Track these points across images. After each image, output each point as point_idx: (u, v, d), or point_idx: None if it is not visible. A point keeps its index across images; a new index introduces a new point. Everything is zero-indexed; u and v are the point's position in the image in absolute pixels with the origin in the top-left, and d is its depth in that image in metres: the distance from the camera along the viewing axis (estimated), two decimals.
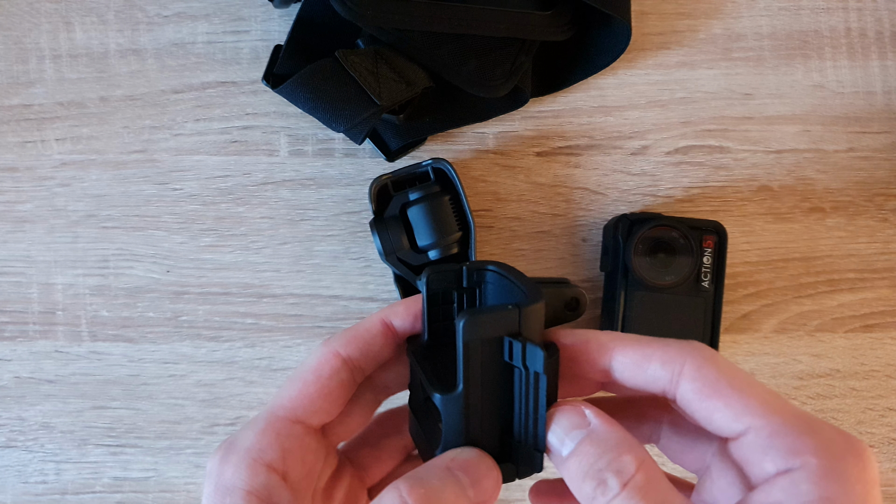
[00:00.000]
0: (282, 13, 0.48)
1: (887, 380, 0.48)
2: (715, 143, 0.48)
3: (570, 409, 0.24)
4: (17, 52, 0.48)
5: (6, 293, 0.48)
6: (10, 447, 0.48)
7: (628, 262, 0.43)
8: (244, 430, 0.26)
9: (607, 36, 0.46)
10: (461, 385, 0.24)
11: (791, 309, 0.48)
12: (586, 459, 0.23)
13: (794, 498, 0.21)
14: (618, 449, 0.23)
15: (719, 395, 0.23)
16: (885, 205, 0.48)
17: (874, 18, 0.48)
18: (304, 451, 0.26)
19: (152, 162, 0.48)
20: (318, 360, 0.27)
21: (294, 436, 0.26)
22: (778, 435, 0.22)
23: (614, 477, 0.22)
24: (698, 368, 0.24)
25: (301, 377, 0.27)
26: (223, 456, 0.25)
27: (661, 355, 0.24)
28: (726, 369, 0.24)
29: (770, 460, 0.22)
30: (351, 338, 0.27)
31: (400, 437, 0.31)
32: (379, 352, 0.28)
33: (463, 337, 0.23)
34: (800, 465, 0.22)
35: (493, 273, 0.28)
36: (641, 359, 0.24)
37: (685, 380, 0.24)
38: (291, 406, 0.26)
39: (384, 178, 0.45)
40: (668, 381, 0.24)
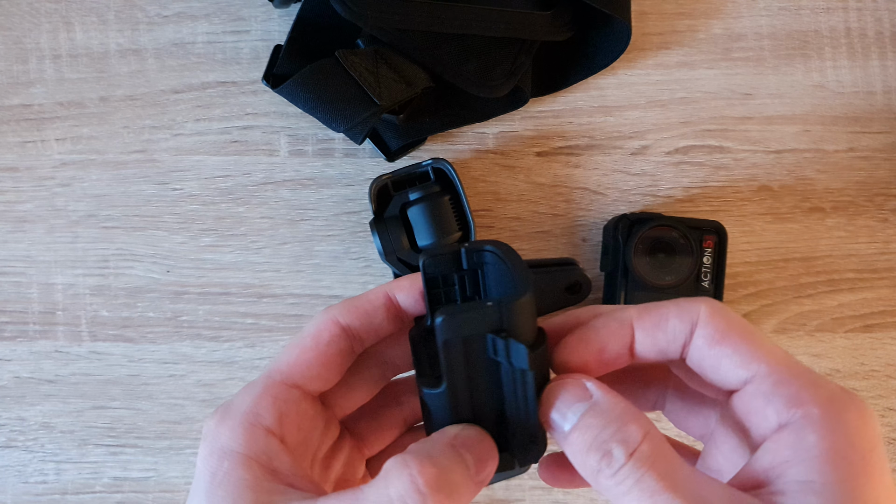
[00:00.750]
0: (282, 13, 0.48)
1: (887, 380, 0.48)
2: (715, 143, 0.48)
3: (571, 383, 0.24)
4: (17, 52, 0.48)
5: (6, 293, 0.48)
6: (10, 447, 0.48)
7: (628, 262, 0.43)
8: (240, 394, 0.25)
9: (607, 36, 0.46)
10: (445, 383, 0.24)
11: (791, 309, 0.48)
12: (590, 432, 0.22)
13: (801, 451, 0.21)
14: (622, 419, 0.22)
15: (729, 342, 0.23)
16: (885, 205, 0.48)
17: (874, 18, 0.48)
18: (300, 417, 0.26)
19: (152, 162, 0.48)
20: (317, 326, 0.26)
21: (291, 400, 0.25)
22: (783, 384, 0.22)
23: (620, 447, 0.22)
24: (711, 316, 0.24)
25: (299, 343, 0.26)
26: (220, 419, 0.25)
27: (677, 310, 0.24)
28: (737, 319, 0.24)
29: (773, 409, 0.22)
30: (352, 307, 0.27)
31: (400, 408, 0.30)
32: (380, 325, 0.27)
33: (442, 336, 0.23)
34: (801, 416, 0.21)
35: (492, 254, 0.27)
36: (660, 318, 0.25)
37: (699, 327, 0.24)
38: (289, 371, 0.26)
39: (384, 178, 0.45)
40: (687, 333, 0.24)
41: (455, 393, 0.24)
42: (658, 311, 0.25)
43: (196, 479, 0.24)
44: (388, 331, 0.28)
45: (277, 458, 0.24)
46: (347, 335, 0.27)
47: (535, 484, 0.47)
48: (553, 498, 0.47)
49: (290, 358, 0.26)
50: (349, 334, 0.27)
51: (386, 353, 0.29)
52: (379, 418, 0.30)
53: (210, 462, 0.24)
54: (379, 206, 0.45)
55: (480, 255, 0.28)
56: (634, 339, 0.25)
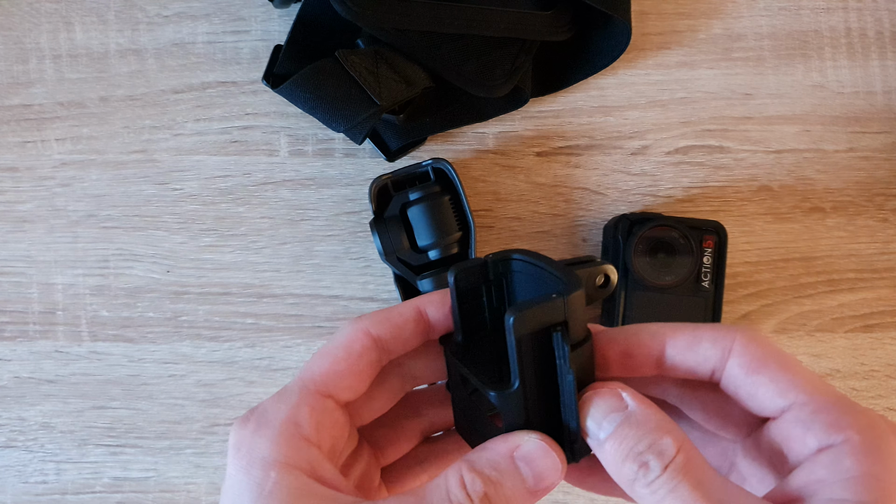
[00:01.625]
0: (282, 13, 0.48)
1: (887, 380, 0.48)
2: (715, 143, 0.48)
3: (608, 391, 0.24)
4: (17, 52, 0.48)
5: (6, 293, 0.48)
6: (10, 447, 0.48)
7: (628, 262, 0.43)
8: (275, 403, 0.25)
9: (607, 36, 0.46)
10: (517, 381, 0.24)
11: (791, 309, 0.48)
12: (626, 442, 0.23)
13: (837, 473, 0.21)
14: (658, 431, 0.22)
15: (766, 370, 0.24)
16: (885, 205, 0.48)
17: (874, 18, 0.48)
18: (333, 426, 0.26)
19: (152, 162, 0.48)
20: (348, 336, 0.26)
21: (326, 410, 0.25)
22: (822, 411, 0.22)
23: (655, 459, 0.22)
24: (746, 345, 0.24)
25: (332, 352, 0.26)
26: (255, 428, 0.24)
27: (712, 335, 0.25)
28: (773, 348, 0.24)
29: (813, 435, 0.22)
30: (384, 319, 0.27)
31: (418, 419, 0.30)
32: (409, 338, 0.27)
33: (514, 333, 0.23)
34: (842, 441, 0.22)
35: (520, 262, 0.27)
36: (693, 340, 0.25)
37: (734, 355, 0.24)
38: (322, 380, 0.26)
39: (384, 178, 0.45)
40: (719, 359, 0.24)
41: (526, 391, 0.24)
42: (693, 333, 0.25)
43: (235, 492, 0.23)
44: (415, 344, 0.28)
45: (321, 465, 0.24)
46: (377, 347, 0.27)
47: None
48: (553, 498, 0.47)
49: (324, 367, 0.26)
50: (379, 346, 0.27)
51: (406, 365, 0.29)
52: (397, 428, 0.30)
53: (253, 473, 0.23)
54: (379, 206, 0.45)
55: (507, 264, 0.28)
56: (665, 353, 0.25)
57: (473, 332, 0.28)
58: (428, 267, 0.45)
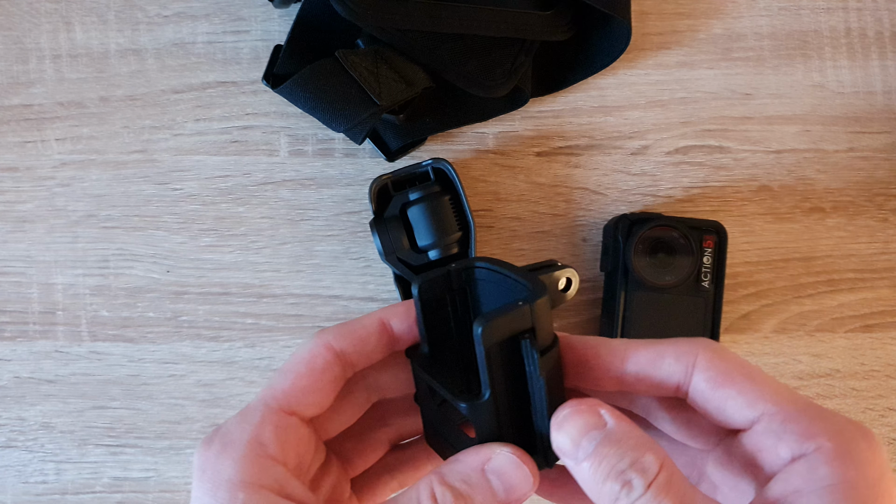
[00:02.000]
0: (282, 13, 0.48)
1: (887, 380, 0.48)
2: (715, 143, 0.48)
3: (586, 409, 0.23)
4: (17, 52, 0.48)
5: (6, 293, 0.48)
6: (10, 447, 0.48)
7: (628, 262, 0.43)
8: (238, 423, 0.25)
9: (607, 36, 0.46)
10: (487, 391, 0.24)
11: (791, 309, 0.48)
12: (607, 461, 0.22)
13: (813, 482, 0.21)
14: (639, 449, 0.22)
15: (732, 384, 0.23)
16: (885, 205, 0.48)
17: (874, 18, 0.48)
18: (298, 443, 0.26)
19: (152, 162, 0.48)
20: (310, 352, 0.26)
21: (290, 427, 0.25)
22: (792, 420, 0.22)
23: (638, 477, 0.22)
24: (710, 359, 0.24)
25: (293, 369, 0.26)
26: (220, 450, 0.24)
27: (674, 350, 0.25)
28: (737, 360, 0.24)
29: (785, 445, 0.22)
30: (346, 332, 0.27)
31: (385, 429, 0.30)
32: (372, 350, 0.27)
33: (483, 343, 0.23)
34: (815, 449, 0.22)
35: (483, 269, 0.27)
36: (655, 356, 0.25)
37: (699, 370, 0.24)
38: (284, 398, 0.26)
39: (384, 178, 0.45)
40: (683, 374, 0.24)
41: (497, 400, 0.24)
42: (655, 349, 0.25)
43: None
44: (379, 356, 0.28)
45: (288, 483, 0.24)
46: (340, 361, 0.27)
47: None
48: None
49: (286, 384, 0.26)
50: (342, 360, 0.27)
51: (372, 378, 0.29)
52: (364, 439, 0.30)
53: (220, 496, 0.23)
54: (379, 206, 0.45)
55: (470, 272, 0.28)
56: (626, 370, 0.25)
57: (439, 343, 0.28)
58: (428, 267, 0.45)
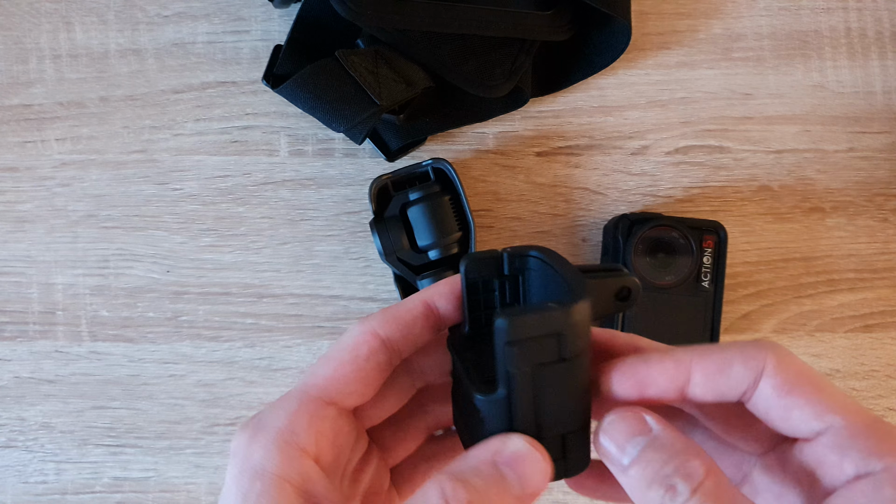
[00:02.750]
0: (282, 13, 0.48)
1: (887, 380, 0.48)
2: (715, 143, 0.48)
3: (631, 415, 0.23)
4: (17, 52, 0.48)
5: (6, 293, 0.48)
6: (10, 447, 0.48)
7: (628, 262, 0.43)
8: (274, 409, 0.24)
9: (607, 36, 0.46)
10: (502, 388, 0.23)
11: (791, 309, 0.48)
12: (652, 466, 0.22)
13: (878, 502, 0.20)
14: (685, 454, 0.22)
15: (800, 392, 0.23)
16: (885, 205, 0.48)
17: (874, 18, 0.48)
18: (336, 435, 0.25)
19: (152, 162, 0.48)
20: (355, 339, 0.25)
21: (328, 418, 0.24)
22: (859, 436, 0.22)
23: (684, 482, 0.21)
24: (778, 365, 0.23)
25: (337, 356, 0.25)
26: (252, 434, 0.23)
27: (742, 356, 0.23)
28: (805, 368, 0.23)
29: (850, 461, 0.21)
30: (391, 318, 0.26)
31: (423, 417, 0.29)
32: (419, 335, 0.26)
33: (504, 338, 0.22)
34: (882, 469, 0.21)
35: (537, 259, 0.26)
36: (723, 364, 0.24)
37: (766, 376, 0.23)
38: (325, 386, 0.25)
39: (384, 178, 0.45)
40: (752, 381, 0.23)
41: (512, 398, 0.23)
42: (721, 356, 0.24)
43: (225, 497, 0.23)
44: (426, 339, 0.27)
45: (312, 480, 0.23)
46: (386, 348, 0.25)
47: None
48: (553, 498, 0.47)
49: (328, 372, 0.25)
50: (388, 347, 0.26)
51: (414, 362, 0.28)
52: (403, 427, 0.29)
53: (241, 482, 0.23)
54: (379, 206, 0.45)
55: (524, 260, 0.27)
56: (690, 381, 0.24)
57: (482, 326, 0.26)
58: (428, 267, 0.45)
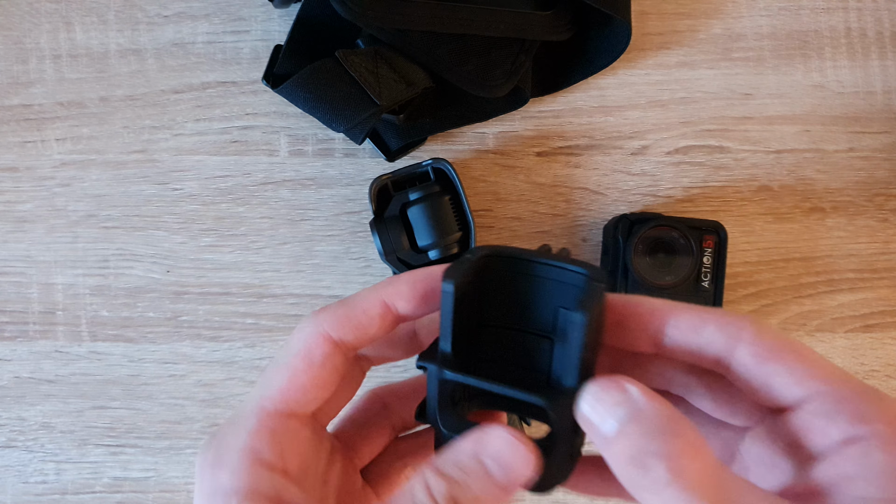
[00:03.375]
0: (282, 13, 0.48)
1: (887, 380, 0.48)
2: (715, 143, 0.48)
3: (607, 381, 0.22)
4: (17, 52, 0.48)
5: (6, 293, 0.48)
6: (10, 447, 0.48)
7: (628, 262, 0.43)
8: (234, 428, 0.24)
9: (607, 36, 0.46)
10: (574, 380, 0.22)
11: (791, 309, 0.48)
12: (631, 441, 0.20)
13: (866, 467, 0.20)
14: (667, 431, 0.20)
15: (780, 359, 0.22)
16: (885, 205, 0.48)
17: (874, 18, 0.48)
18: (299, 444, 0.24)
19: (152, 162, 0.48)
20: (307, 343, 0.24)
21: (289, 431, 0.24)
22: (846, 401, 0.21)
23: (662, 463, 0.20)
24: (757, 333, 0.22)
25: (290, 364, 0.24)
26: (216, 456, 0.23)
27: (718, 320, 0.23)
28: (786, 337, 0.22)
29: (836, 427, 0.21)
30: (344, 318, 0.24)
31: (387, 416, 0.29)
32: (374, 335, 0.25)
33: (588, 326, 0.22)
34: (870, 434, 0.20)
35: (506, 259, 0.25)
36: (698, 321, 0.23)
37: (744, 343, 0.22)
38: (283, 398, 0.24)
39: (384, 178, 0.45)
40: (725, 345, 0.23)
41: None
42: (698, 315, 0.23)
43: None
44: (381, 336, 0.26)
45: (285, 490, 0.23)
46: (341, 351, 0.25)
47: None
48: (553, 498, 0.47)
49: (282, 383, 0.24)
50: (342, 350, 0.25)
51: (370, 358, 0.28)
52: (368, 428, 0.29)
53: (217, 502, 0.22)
54: (379, 206, 0.45)
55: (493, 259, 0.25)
56: (664, 332, 0.23)
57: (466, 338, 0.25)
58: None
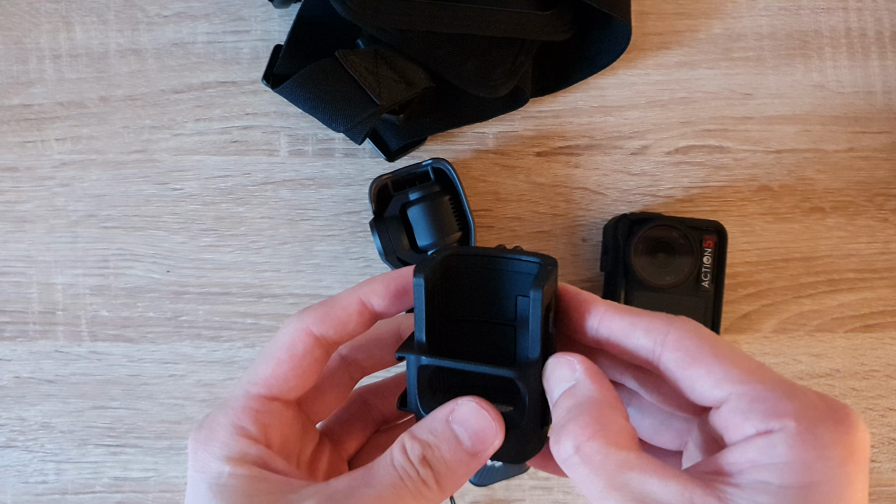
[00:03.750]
0: (282, 13, 0.48)
1: (887, 380, 0.48)
2: (715, 143, 0.48)
3: (563, 356, 0.25)
4: (17, 52, 0.48)
5: (6, 293, 0.48)
6: (10, 447, 0.48)
7: (628, 262, 0.43)
8: (222, 409, 0.26)
9: (607, 36, 0.46)
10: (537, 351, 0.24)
11: (791, 309, 0.48)
12: (558, 414, 0.23)
13: (769, 458, 0.21)
14: (587, 412, 0.23)
15: (701, 364, 0.23)
16: (885, 205, 0.48)
17: (874, 18, 0.48)
18: (281, 424, 0.26)
19: (152, 162, 0.48)
20: (291, 337, 0.27)
21: (272, 412, 0.26)
22: (759, 400, 0.22)
23: (569, 439, 0.22)
24: (680, 339, 0.24)
25: (274, 355, 0.27)
26: (207, 434, 0.25)
27: (646, 324, 0.25)
28: (709, 339, 0.24)
29: (750, 424, 0.22)
30: (325, 316, 0.27)
31: (368, 411, 0.31)
32: (353, 330, 0.28)
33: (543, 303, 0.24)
34: (779, 428, 0.21)
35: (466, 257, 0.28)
36: (628, 326, 0.25)
37: (668, 349, 0.24)
38: (266, 384, 0.26)
39: (384, 178, 0.45)
40: (651, 351, 0.24)
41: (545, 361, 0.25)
42: (629, 319, 0.25)
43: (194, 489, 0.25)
44: (359, 333, 0.28)
45: (271, 459, 0.25)
46: (321, 345, 0.27)
47: (535, 484, 0.47)
48: (553, 498, 0.47)
49: (267, 371, 0.27)
50: (322, 343, 0.27)
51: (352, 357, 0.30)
52: (351, 422, 0.31)
53: (209, 470, 0.24)
54: (379, 206, 0.45)
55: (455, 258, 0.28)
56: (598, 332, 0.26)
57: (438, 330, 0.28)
58: None
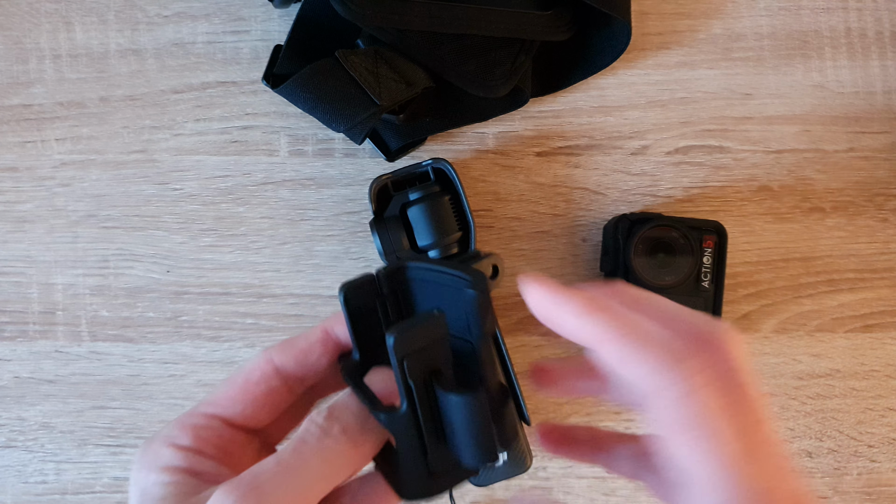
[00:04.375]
0: (282, 13, 0.48)
1: (887, 380, 0.48)
2: (715, 143, 0.48)
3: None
4: (17, 52, 0.48)
5: (6, 293, 0.48)
6: (10, 447, 0.48)
7: (628, 262, 0.43)
8: (165, 426, 0.27)
9: (607, 36, 0.46)
10: (405, 403, 0.23)
11: (791, 309, 0.48)
12: None
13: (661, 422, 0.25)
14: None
15: (561, 313, 0.26)
16: (885, 205, 0.48)
17: (874, 18, 0.48)
18: (218, 439, 0.27)
19: (152, 162, 0.48)
20: (251, 364, 0.27)
21: (210, 427, 0.27)
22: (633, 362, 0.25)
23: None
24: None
25: (231, 379, 0.27)
26: (143, 447, 0.26)
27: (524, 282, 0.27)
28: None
29: None
30: (287, 345, 0.27)
31: None
32: (317, 361, 0.28)
33: (396, 354, 0.23)
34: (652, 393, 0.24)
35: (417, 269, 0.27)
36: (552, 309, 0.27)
37: None
38: (212, 402, 0.27)
39: (384, 178, 0.45)
40: None
41: (417, 414, 0.24)
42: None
43: (130, 495, 0.26)
44: (326, 364, 0.28)
45: (199, 464, 0.25)
46: (280, 375, 0.27)
47: (535, 484, 0.47)
48: (553, 498, 0.47)
49: (218, 393, 0.27)
50: (282, 374, 0.27)
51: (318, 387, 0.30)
52: None
53: (139, 482, 0.25)
54: (379, 206, 0.45)
55: (401, 274, 0.27)
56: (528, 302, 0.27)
57: (374, 349, 0.27)
58: None
